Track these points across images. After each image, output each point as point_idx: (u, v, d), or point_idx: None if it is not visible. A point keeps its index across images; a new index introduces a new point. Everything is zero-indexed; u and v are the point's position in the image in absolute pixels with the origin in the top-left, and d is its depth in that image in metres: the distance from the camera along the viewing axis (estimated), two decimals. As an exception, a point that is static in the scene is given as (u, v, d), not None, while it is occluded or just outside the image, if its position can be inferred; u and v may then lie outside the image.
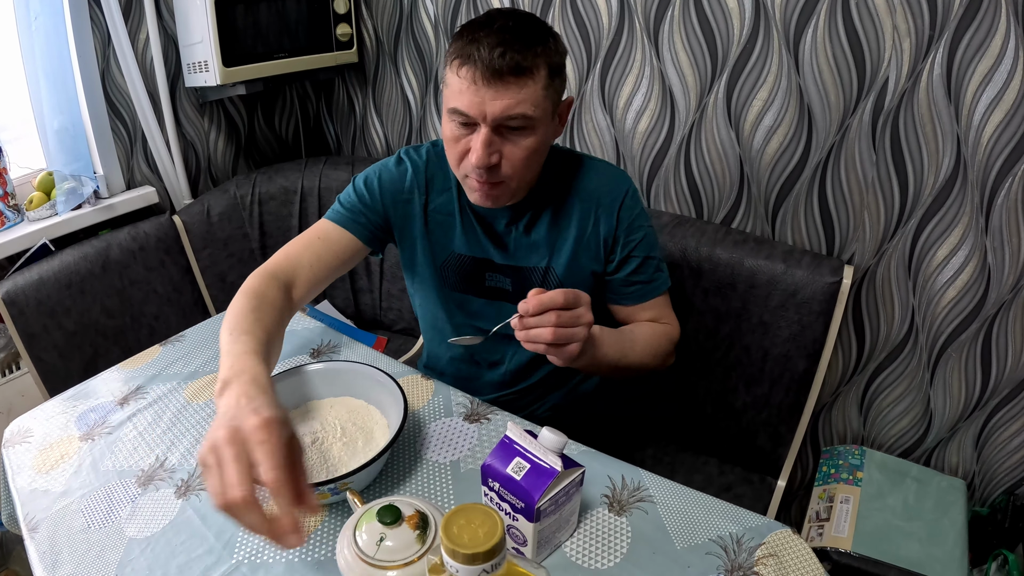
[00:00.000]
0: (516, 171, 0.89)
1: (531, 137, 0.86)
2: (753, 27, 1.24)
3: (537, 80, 0.83)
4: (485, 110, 0.82)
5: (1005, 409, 1.26)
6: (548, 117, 0.88)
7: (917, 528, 1.19)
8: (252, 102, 1.98)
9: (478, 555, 0.45)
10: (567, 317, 0.76)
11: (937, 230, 1.20)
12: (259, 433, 0.56)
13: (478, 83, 0.81)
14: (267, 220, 1.80)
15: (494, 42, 0.80)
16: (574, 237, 0.99)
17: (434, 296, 1.07)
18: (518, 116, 0.83)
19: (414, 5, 1.71)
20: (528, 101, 0.83)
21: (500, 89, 0.81)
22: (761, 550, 0.72)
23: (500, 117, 0.83)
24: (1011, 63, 1.04)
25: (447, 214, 1.02)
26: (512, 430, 0.69)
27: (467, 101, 0.83)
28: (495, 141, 0.85)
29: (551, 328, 0.75)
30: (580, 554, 0.72)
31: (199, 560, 0.73)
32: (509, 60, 0.80)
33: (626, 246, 0.99)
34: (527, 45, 0.82)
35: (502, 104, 0.82)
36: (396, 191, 1.02)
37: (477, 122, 0.84)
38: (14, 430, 0.98)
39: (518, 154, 0.87)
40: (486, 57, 0.80)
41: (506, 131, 0.85)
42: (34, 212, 1.56)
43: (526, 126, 0.85)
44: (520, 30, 0.83)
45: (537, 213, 1.00)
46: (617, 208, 0.98)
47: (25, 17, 1.45)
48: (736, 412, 1.35)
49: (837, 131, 1.23)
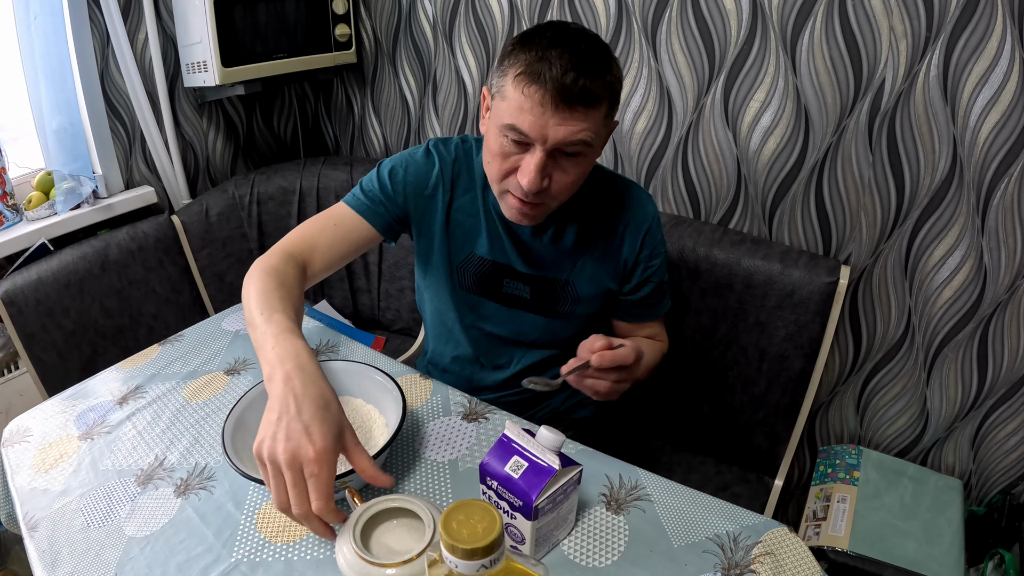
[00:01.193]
0: (560, 195, 0.87)
1: (583, 164, 0.85)
2: (750, 28, 1.25)
3: (601, 109, 0.81)
4: (547, 134, 0.79)
5: (1001, 409, 1.27)
6: (599, 147, 0.86)
7: (914, 527, 1.19)
8: (251, 102, 1.98)
9: (477, 550, 0.46)
10: (626, 374, 0.80)
11: (933, 231, 1.21)
12: (312, 466, 0.64)
13: (545, 106, 0.78)
14: (265, 220, 1.81)
15: (567, 65, 0.76)
16: (598, 255, 0.99)
17: (446, 295, 1.05)
18: (579, 143, 0.81)
19: (412, 6, 1.72)
20: (590, 129, 0.80)
21: (566, 115, 0.78)
22: (758, 548, 0.72)
23: (561, 143, 0.80)
24: (1007, 64, 1.04)
25: (471, 215, 1.00)
26: (510, 429, 0.70)
27: (529, 122, 0.79)
28: (548, 165, 0.82)
29: (609, 384, 0.79)
30: (578, 552, 0.72)
31: (198, 559, 0.73)
32: (582, 87, 0.77)
33: (645, 271, 1.01)
34: (598, 72, 0.79)
35: (566, 131, 0.79)
36: (420, 185, 0.99)
37: (533, 143, 0.81)
38: (13, 429, 0.98)
39: (567, 180, 0.85)
40: (558, 80, 0.76)
41: (560, 156, 0.83)
42: (33, 212, 1.56)
43: (582, 152, 0.83)
44: (591, 54, 0.79)
45: (563, 226, 0.99)
46: (643, 234, 0.99)
47: (24, 17, 1.45)
48: (733, 411, 1.35)
49: (834, 132, 1.24)
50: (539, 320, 1.04)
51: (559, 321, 1.04)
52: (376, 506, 0.68)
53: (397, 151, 1.97)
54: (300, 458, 0.65)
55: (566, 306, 1.02)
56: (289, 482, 0.65)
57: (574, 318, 1.03)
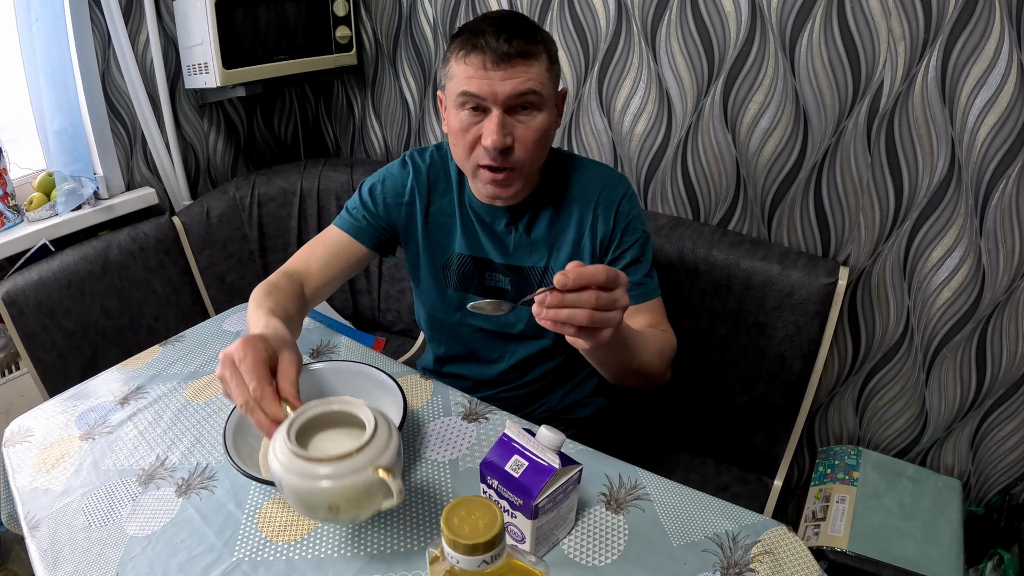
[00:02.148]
0: (528, 154, 0.91)
1: (540, 117, 0.90)
2: (749, 30, 1.25)
3: (540, 62, 0.88)
4: (496, 91, 0.86)
5: (1000, 409, 1.27)
6: (552, 101, 0.92)
7: (913, 528, 1.19)
8: (251, 104, 1.99)
9: (478, 546, 0.46)
10: (606, 299, 0.68)
11: (932, 232, 1.21)
12: (239, 353, 0.70)
13: (488, 67, 0.86)
14: (266, 221, 1.81)
15: (498, 32, 0.85)
16: (573, 237, 1.00)
17: (434, 296, 1.09)
18: (528, 92, 0.87)
19: (413, 8, 1.72)
20: (536, 79, 0.87)
21: (509, 71, 0.86)
22: (757, 547, 0.72)
23: (512, 96, 0.86)
24: (1005, 66, 1.05)
25: (449, 215, 1.04)
26: (511, 428, 0.70)
27: (478, 84, 0.86)
28: (508, 123, 0.88)
29: (588, 310, 0.67)
30: (578, 551, 0.72)
31: (199, 558, 0.73)
32: (516, 45, 0.85)
33: (620, 245, 1.00)
34: (528, 34, 0.88)
35: (513, 83, 0.86)
36: (398, 194, 1.05)
37: (488, 106, 0.88)
38: (14, 429, 0.98)
39: (530, 136, 0.90)
40: (494, 44, 0.85)
41: (517, 112, 0.89)
42: (34, 213, 1.56)
43: (536, 104, 0.89)
44: (520, 21, 0.89)
45: (536, 213, 1.01)
46: (615, 209, 0.99)
47: (26, 18, 1.46)
48: (733, 412, 1.35)
49: (833, 133, 1.24)
50: (522, 310, 1.05)
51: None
52: (312, 409, 0.66)
53: (398, 153, 1.97)
54: (230, 354, 0.70)
55: None
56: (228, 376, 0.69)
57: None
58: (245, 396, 0.68)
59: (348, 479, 0.60)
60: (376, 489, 0.61)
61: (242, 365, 0.69)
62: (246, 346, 0.70)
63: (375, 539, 0.75)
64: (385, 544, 0.74)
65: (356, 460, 0.60)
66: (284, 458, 0.61)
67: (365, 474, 0.60)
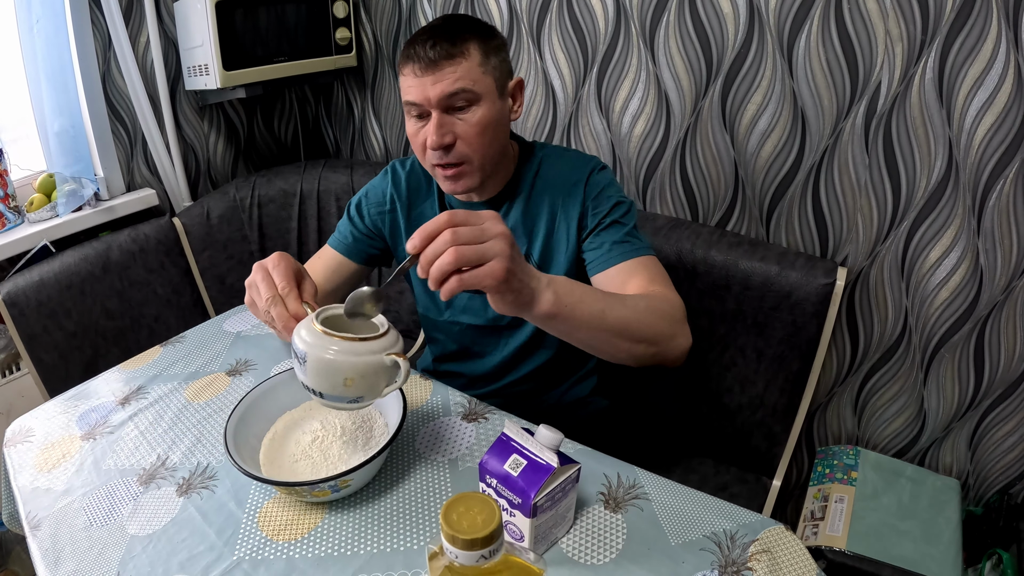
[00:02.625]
0: (472, 147, 0.94)
1: (479, 111, 0.93)
2: (747, 32, 1.26)
3: (469, 59, 0.91)
4: (429, 95, 0.91)
5: (998, 409, 1.27)
6: (493, 93, 0.94)
7: (912, 527, 1.20)
8: (252, 105, 1.99)
9: (477, 541, 0.46)
10: (466, 232, 0.65)
11: (930, 232, 1.21)
12: (273, 260, 0.83)
13: (418, 74, 0.91)
14: (266, 223, 1.81)
15: (425, 39, 0.90)
16: (547, 222, 1.03)
17: (425, 297, 1.13)
18: (458, 91, 0.90)
19: (412, 9, 1.73)
20: (465, 77, 0.90)
21: (437, 74, 0.90)
22: (754, 546, 0.72)
23: (443, 96, 0.90)
24: (1002, 66, 1.05)
25: (430, 217, 1.05)
26: (509, 428, 0.70)
27: (414, 92, 0.92)
28: (446, 122, 0.92)
29: (451, 249, 0.64)
30: (576, 550, 0.73)
31: (200, 557, 0.74)
32: (440, 49, 0.89)
33: (596, 215, 1.00)
34: (454, 34, 0.91)
35: (441, 86, 0.90)
36: (380, 204, 1.11)
37: (428, 110, 0.92)
38: (15, 429, 0.98)
39: (470, 131, 0.93)
40: (421, 52, 0.90)
41: (454, 111, 0.93)
42: (35, 214, 1.57)
43: (470, 101, 0.92)
44: (447, 25, 0.92)
45: (512, 203, 1.05)
46: (584, 184, 1.01)
47: (26, 20, 1.46)
48: (731, 412, 1.36)
49: (830, 134, 1.25)
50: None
51: None
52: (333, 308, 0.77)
53: (397, 154, 1.98)
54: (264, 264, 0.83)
55: None
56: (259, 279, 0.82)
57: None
58: (273, 291, 0.79)
59: (364, 357, 0.71)
60: (385, 371, 0.72)
61: (275, 271, 0.81)
62: (281, 257, 0.82)
63: (375, 538, 0.75)
64: (385, 543, 0.74)
65: (373, 344, 0.71)
66: (312, 338, 0.71)
67: (379, 357, 0.71)
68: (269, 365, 1.06)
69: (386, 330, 0.74)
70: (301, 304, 0.80)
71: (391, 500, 0.80)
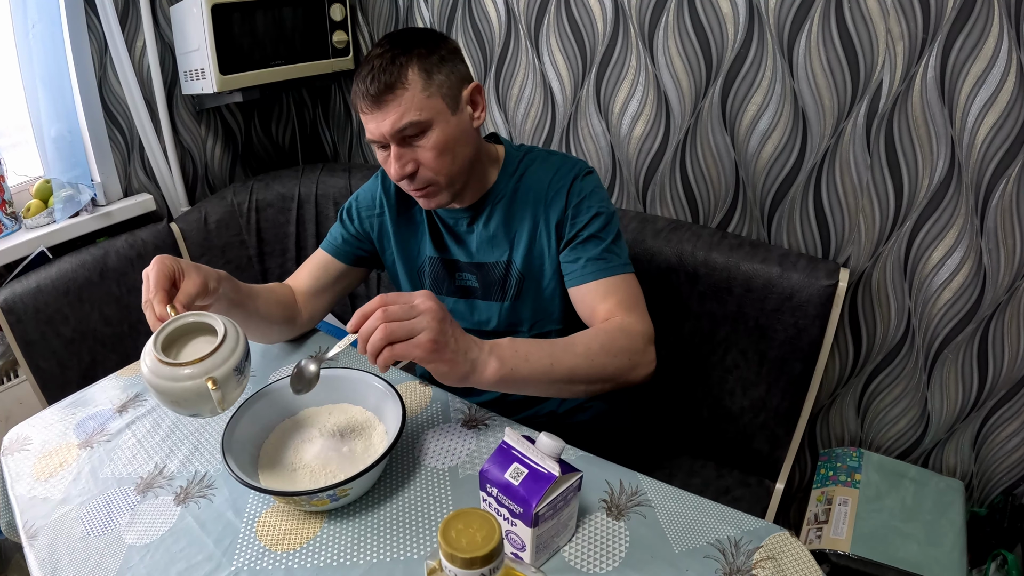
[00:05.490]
0: (435, 170, 0.94)
1: (432, 136, 0.92)
2: (747, 32, 1.25)
3: (410, 88, 0.90)
4: (382, 131, 0.91)
5: (1002, 410, 1.26)
6: (444, 112, 0.93)
7: (915, 529, 1.19)
8: (249, 109, 1.99)
9: (476, 559, 0.45)
10: (396, 310, 0.73)
11: (932, 232, 1.21)
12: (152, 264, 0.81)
13: (367, 111, 0.92)
14: (264, 227, 1.81)
15: (365, 74, 0.90)
16: (529, 228, 1.02)
17: None
18: (406, 125, 0.90)
19: (410, 12, 1.72)
20: (409, 109, 0.89)
21: (383, 109, 0.90)
22: (759, 553, 0.72)
23: (393, 132, 0.90)
24: (1004, 65, 1.05)
25: (417, 222, 1.09)
26: (510, 435, 0.69)
27: (370, 129, 0.93)
28: (404, 154, 0.92)
29: (382, 324, 0.72)
30: (579, 559, 0.72)
31: (198, 567, 0.73)
32: (378, 84, 0.89)
33: (575, 225, 0.99)
34: (390, 63, 0.89)
35: (390, 121, 0.90)
36: (369, 207, 1.11)
37: (386, 143, 0.93)
38: (12, 438, 0.98)
39: (428, 156, 0.93)
40: (364, 88, 0.90)
41: (409, 140, 0.92)
42: (32, 220, 1.56)
43: (422, 129, 0.91)
44: (384, 53, 0.90)
45: (494, 209, 1.04)
46: (566, 191, 1.00)
47: (22, 24, 1.46)
48: (733, 415, 1.35)
49: (832, 135, 1.24)
50: (493, 306, 1.07)
51: (512, 303, 1.06)
52: (178, 321, 0.76)
53: (396, 156, 1.97)
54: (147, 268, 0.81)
55: (513, 286, 1.04)
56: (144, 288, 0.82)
57: (528, 297, 1.05)
58: (146, 296, 0.79)
59: (182, 383, 0.70)
60: (206, 393, 0.71)
61: (149, 276, 0.81)
62: (156, 261, 0.82)
63: (374, 547, 0.74)
64: (384, 552, 0.73)
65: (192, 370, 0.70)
66: (146, 355, 0.73)
67: (198, 383, 0.71)
68: (267, 373, 1.05)
69: (212, 351, 0.72)
70: (164, 308, 0.79)
71: (391, 509, 0.79)
